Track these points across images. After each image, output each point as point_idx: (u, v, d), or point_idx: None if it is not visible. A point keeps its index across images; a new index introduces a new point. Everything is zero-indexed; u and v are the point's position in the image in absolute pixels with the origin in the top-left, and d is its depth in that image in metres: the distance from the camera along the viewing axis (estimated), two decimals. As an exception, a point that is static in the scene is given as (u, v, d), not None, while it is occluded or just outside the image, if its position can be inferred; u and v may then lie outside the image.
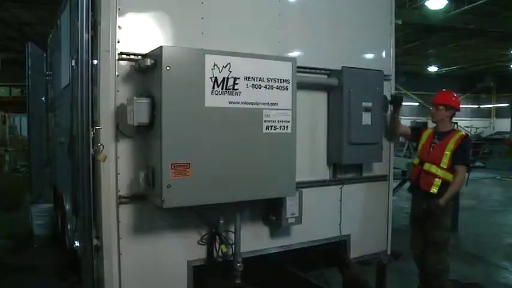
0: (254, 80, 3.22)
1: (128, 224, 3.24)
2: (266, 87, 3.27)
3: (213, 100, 3.07)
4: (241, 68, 3.16)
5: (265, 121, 3.29)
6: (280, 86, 3.34)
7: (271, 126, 3.31)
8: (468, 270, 5.83)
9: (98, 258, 3.21)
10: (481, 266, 6.12)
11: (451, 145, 4.35)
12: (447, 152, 4.33)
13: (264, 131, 3.29)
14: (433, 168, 4.36)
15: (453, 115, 4.61)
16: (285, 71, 3.36)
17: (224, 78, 3.10)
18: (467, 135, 4.66)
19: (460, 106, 4.68)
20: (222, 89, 3.10)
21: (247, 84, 3.20)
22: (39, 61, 7.37)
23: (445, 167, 4.32)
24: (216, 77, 3.07)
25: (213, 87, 3.06)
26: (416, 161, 4.65)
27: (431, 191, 4.32)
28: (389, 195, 4.66)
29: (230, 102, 3.14)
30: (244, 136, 3.24)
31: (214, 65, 3.06)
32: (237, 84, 3.15)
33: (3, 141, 15.33)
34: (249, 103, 3.22)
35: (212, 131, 3.10)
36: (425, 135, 4.64)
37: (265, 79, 3.26)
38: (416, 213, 4.58)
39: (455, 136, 4.42)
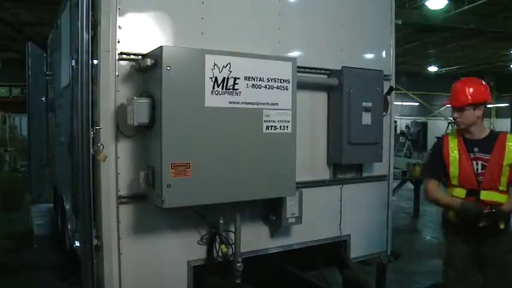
0: (254, 80, 3.22)
1: (128, 224, 3.25)
2: (266, 87, 3.27)
3: (213, 100, 3.07)
4: (241, 68, 3.16)
5: (265, 121, 3.29)
6: (280, 86, 3.34)
7: (271, 126, 3.31)
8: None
9: (98, 258, 3.21)
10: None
11: (510, 156, 3.18)
12: (506, 167, 3.18)
13: (264, 131, 3.29)
14: (496, 196, 3.19)
15: (485, 111, 3.35)
16: (285, 71, 3.36)
17: (224, 78, 3.10)
18: None
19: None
20: (222, 89, 3.10)
21: (247, 84, 3.20)
22: (39, 61, 7.38)
23: (504, 189, 3.23)
24: (216, 77, 3.07)
25: (213, 87, 3.06)
26: (459, 192, 3.27)
27: (501, 227, 3.22)
28: (389, 195, 4.66)
29: (230, 102, 3.14)
30: (245, 136, 3.24)
31: (214, 65, 3.06)
32: (237, 84, 3.15)
33: (3, 141, 15.31)
34: (249, 103, 3.22)
35: (212, 131, 3.10)
36: (453, 152, 3.33)
37: (265, 79, 3.26)
38: (470, 253, 3.30)
39: (509, 141, 3.23)
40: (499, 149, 3.22)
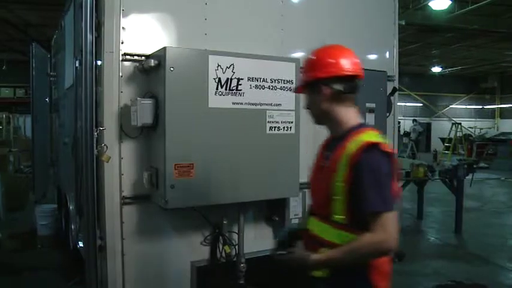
0: (257, 80, 3.23)
1: (131, 224, 3.25)
2: (269, 88, 3.27)
3: (217, 101, 3.08)
4: (244, 69, 3.17)
5: (268, 122, 3.29)
6: (283, 86, 3.34)
7: (275, 127, 3.31)
8: (472, 271, 5.80)
9: (102, 258, 3.22)
10: (485, 267, 6.10)
11: (342, 167, 1.89)
12: (338, 183, 1.89)
13: (268, 131, 3.30)
14: (326, 231, 1.98)
15: (338, 92, 2.03)
16: (288, 71, 3.37)
17: (228, 78, 3.10)
18: (376, 143, 1.89)
19: (357, 68, 2.14)
20: (226, 89, 3.10)
21: (250, 85, 3.20)
22: (43, 62, 7.40)
23: (343, 221, 1.90)
24: (219, 78, 3.07)
25: (217, 88, 3.07)
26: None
27: (318, 275, 1.99)
28: (393, 196, 4.63)
29: (234, 103, 3.15)
30: (248, 137, 3.24)
31: (218, 65, 3.07)
32: (240, 85, 3.16)
33: (8, 142, 15.37)
34: (253, 104, 3.22)
35: (215, 131, 3.10)
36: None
37: (268, 80, 3.27)
38: None
39: (351, 144, 1.90)
40: (335, 155, 1.96)
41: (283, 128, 3.35)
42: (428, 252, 6.75)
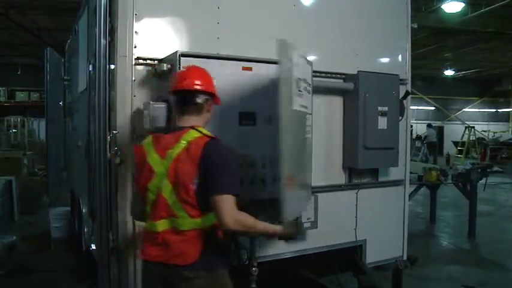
0: (270, 84, 3.22)
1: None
2: (281, 92, 3.26)
3: (229, 104, 3.08)
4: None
5: (280, 125, 3.28)
6: (295, 90, 3.32)
7: (288, 131, 3.30)
8: (486, 276, 5.74)
9: (114, 261, 3.23)
10: (499, 272, 6.03)
11: None
12: None
13: (280, 135, 3.28)
14: None
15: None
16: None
17: (240, 83, 3.11)
18: None
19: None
20: (238, 93, 3.11)
21: (263, 89, 3.20)
22: (58, 66, 7.49)
23: None
24: (233, 82, 3.08)
25: (229, 92, 3.07)
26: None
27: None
28: (405, 200, 4.61)
29: (245, 107, 3.15)
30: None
31: (231, 70, 3.07)
32: (254, 88, 3.16)
33: (22, 145, 15.56)
34: (267, 108, 3.22)
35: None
36: None
37: (280, 83, 3.26)
38: None
39: None
40: None
41: (296, 131, 3.34)
42: (441, 257, 6.69)
